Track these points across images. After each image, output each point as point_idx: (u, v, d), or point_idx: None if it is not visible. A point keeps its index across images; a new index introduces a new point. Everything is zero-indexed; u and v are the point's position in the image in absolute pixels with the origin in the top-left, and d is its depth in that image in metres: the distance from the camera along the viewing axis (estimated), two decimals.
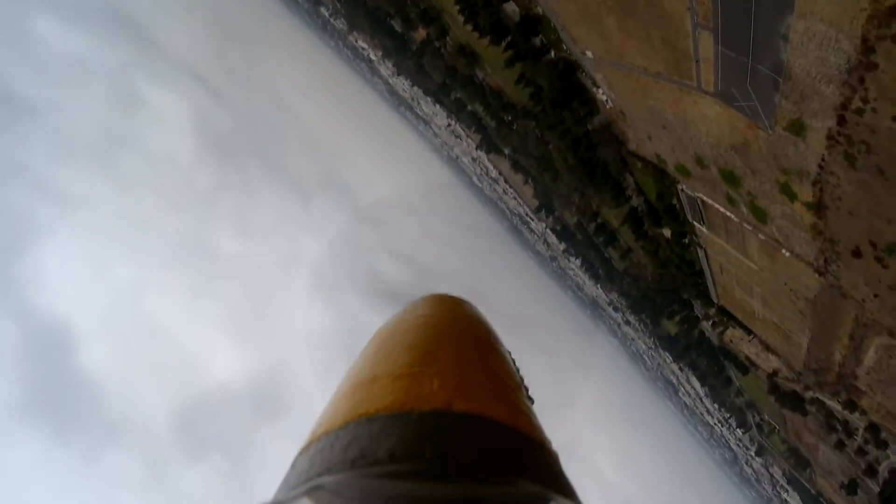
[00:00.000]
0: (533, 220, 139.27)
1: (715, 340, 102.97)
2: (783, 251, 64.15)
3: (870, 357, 61.87)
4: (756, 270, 73.78)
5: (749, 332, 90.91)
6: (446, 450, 1.13)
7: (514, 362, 1.78)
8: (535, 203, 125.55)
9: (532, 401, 1.59)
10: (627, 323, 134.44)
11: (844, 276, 57.10)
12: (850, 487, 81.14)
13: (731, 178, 61.48)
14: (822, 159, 46.16)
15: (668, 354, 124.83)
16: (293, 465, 1.31)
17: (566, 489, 1.22)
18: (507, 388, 1.48)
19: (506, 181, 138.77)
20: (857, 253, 52.77)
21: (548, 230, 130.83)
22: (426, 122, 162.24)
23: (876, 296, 54.18)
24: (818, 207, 52.79)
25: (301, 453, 1.33)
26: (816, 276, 61.05)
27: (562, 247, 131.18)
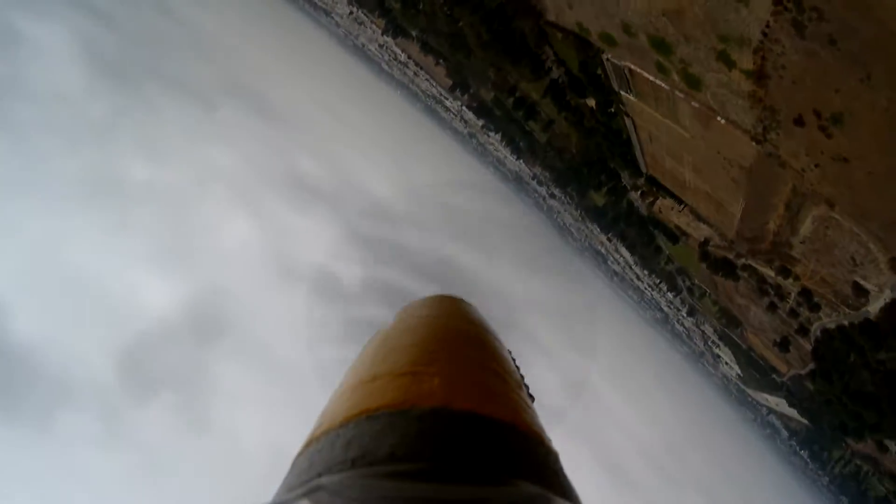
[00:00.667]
0: (448, 98, 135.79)
1: (644, 211, 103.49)
2: (718, 118, 62.01)
3: (806, 227, 62.37)
4: (688, 139, 71.98)
5: (679, 201, 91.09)
6: (447, 449, 1.16)
7: (515, 361, 1.80)
8: (449, 83, 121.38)
9: (532, 399, 1.63)
10: (553, 196, 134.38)
11: (784, 145, 55.66)
12: (783, 345, 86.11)
13: (662, 46, 57.31)
14: (767, 26, 42.36)
15: (595, 226, 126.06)
16: (293, 466, 1.32)
17: (566, 489, 1.24)
18: (507, 387, 1.51)
19: (416, 64, 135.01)
20: (799, 122, 50.84)
21: (464, 108, 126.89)
22: (326, 13, 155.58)
23: (817, 166, 53.09)
24: (759, 76, 49.87)
25: (301, 453, 1.33)
26: (753, 144, 59.55)
27: (480, 123, 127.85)
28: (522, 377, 1.71)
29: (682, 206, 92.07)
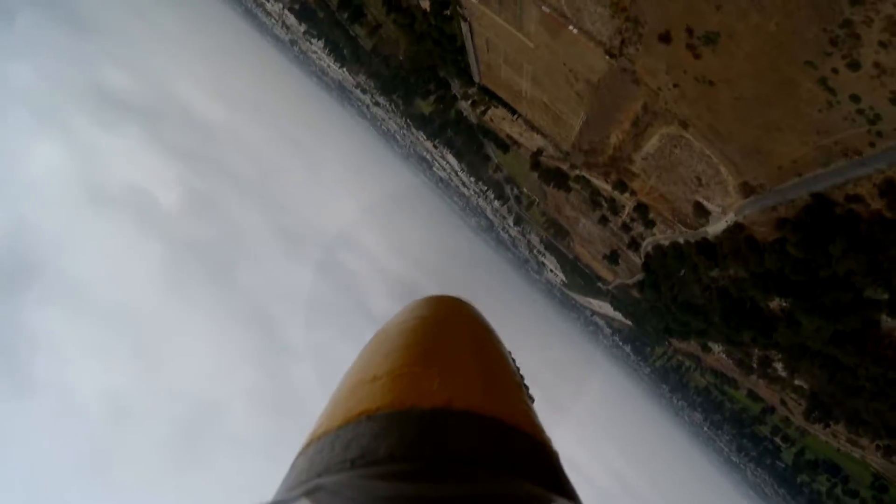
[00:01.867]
0: (268, 1, 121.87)
1: (474, 120, 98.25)
2: (570, 27, 56.63)
3: (651, 144, 60.41)
4: (531, 48, 66.35)
5: (513, 111, 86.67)
6: (446, 449, 1.18)
7: (514, 362, 1.84)
8: None
9: (532, 399, 1.66)
10: (377, 104, 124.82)
11: (641, 61, 51.70)
12: (612, 258, 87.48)
13: None
14: None
15: (421, 133, 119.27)
16: (293, 466, 1.34)
17: (566, 488, 1.26)
18: (506, 387, 1.55)
19: None
20: (665, 38, 46.57)
21: (285, 10, 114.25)
22: None
23: (676, 86, 49.82)
24: None
25: (301, 453, 1.36)
26: (607, 57, 55.25)
27: (302, 28, 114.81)
28: (522, 378, 1.71)
29: (515, 117, 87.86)
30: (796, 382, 62.97)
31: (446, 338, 1.71)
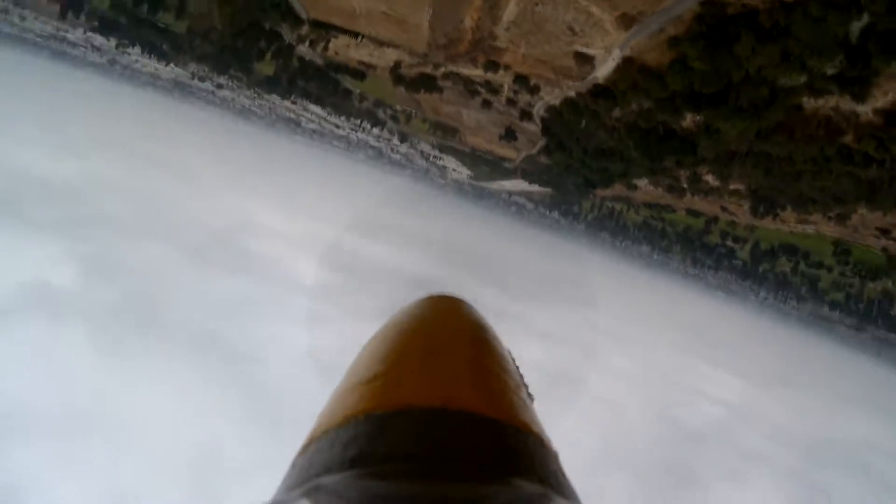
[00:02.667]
0: (68, 30, 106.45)
1: (319, 61, 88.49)
2: None
3: (510, 12, 54.48)
4: None
5: (355, 35, 77.68)
6: (445, 449, 1.16)
7: (514, 361, 1.80)
8: (56, 9, 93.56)
9: (532, 399, 1.62)
10: (220, 87, 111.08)
11: None
12: (509, 135, 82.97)
13: None
14: None
15: (274, 96, 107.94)
16: (292, 466, 1.30)
17: (565, 488, 1.23)
18: (506, 387, 1.50)
19: None
20: None
21: (88, 33, 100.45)
22: None
23: None
24: None
25: (300, 453, 1.32)
26: None
27: (113, 43, 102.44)
28: (522, 377, 1.68)
29: (359, 39, 78.93)
30: (732, 187, 61.48)
31: (444, 338, 1.62)
